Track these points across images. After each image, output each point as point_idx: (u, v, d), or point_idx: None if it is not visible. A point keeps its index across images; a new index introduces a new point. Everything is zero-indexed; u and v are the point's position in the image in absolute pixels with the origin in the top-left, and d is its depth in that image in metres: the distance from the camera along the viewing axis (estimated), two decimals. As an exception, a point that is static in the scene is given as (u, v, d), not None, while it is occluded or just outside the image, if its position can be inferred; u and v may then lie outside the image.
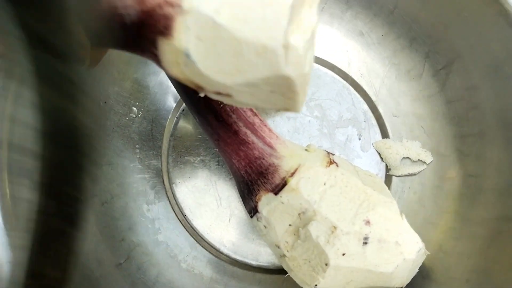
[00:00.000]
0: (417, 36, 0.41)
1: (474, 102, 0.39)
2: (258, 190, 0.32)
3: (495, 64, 0.37)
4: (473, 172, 0.39)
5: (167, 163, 0.42)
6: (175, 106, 0.43)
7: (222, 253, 0.41)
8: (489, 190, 0.37)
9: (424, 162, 0.41)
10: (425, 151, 0.41)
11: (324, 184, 0.31)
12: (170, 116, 0.43)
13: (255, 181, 0.32)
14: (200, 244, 0.41)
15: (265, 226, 0.33)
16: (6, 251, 0.27)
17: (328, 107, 0.44)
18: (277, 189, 0.31)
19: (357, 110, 0.44)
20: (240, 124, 0.32)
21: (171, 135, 0.43)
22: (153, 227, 0.40)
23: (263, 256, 0.40)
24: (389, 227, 0.31)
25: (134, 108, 0.42)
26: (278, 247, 0.32)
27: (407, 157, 0.42)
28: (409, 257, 0.31)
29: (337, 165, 0.32)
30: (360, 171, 0.35)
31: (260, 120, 0.33)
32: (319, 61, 0.45)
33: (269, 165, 0.32)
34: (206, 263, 0.40)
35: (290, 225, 0.31)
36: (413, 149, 0.42)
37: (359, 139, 0.43)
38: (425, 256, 0.34)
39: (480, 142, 0.39)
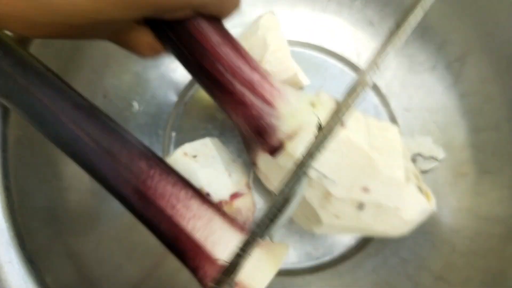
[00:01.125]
0: (430, 26, 0.40)
1: (489, 95, 0.37)
2: (256, 148, 0.31)
3: (510, 55, 0.35)
4: (488, 168, 0.37)
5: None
6: (177, 100, 0.42)
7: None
8: (505, 187, 0.36)
9: (436, 159, 0.40)
10: (437, 147, 0.40)
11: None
12: (172, 110, 0.42)
13: (253, 139, 0.30)
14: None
15: (264, 177, 0.32)
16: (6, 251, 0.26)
17: (336, 100, 0.42)
18: (274, 151, 0.29)
19: (367, 104, 0.42)
20: (236, 83, 0.29)
21: (173, 130, 0.42)
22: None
23: (269, 255, 0.39)
24: (390, 193, 0.29)
25: (134, 102, 0.41)
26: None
27: (419, 154, 0.40)
28: (409, 219, 0.30)
29: (343, 125, 0.30)
30: (373, 126, 0.32)
31: (260, 75, 0.30)
32: (327, 52, 0.43)
33: (267, 125, 0.29)
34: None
35: None
36: (425, 145, 0.40)
37: (369, 134, 0.42)
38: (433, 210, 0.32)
39: (495, 137, 0.37)
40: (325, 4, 0.43)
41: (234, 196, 0.34)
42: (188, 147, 0.34)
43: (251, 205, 0.36)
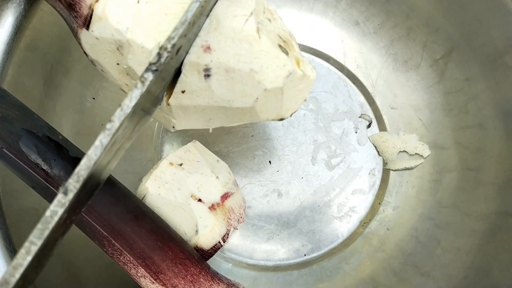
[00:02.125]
0: (415, 25, 0.40)
1: (473, 93, 0.38)
2: (76, 27, 0.26)
3: (495, 54, 0.36)
4: (472, 165, 0.38)
5: (159, 160, 0.41)
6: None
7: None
8: (489, 184, 0.36)
9: (422, 156, 0.40)
10: (423, 145, 0.40)
11: (138, 1, 0.24)
12: (161, 111, 0.42)
13: (69, 18, 0.27)
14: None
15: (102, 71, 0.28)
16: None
17: (323, 99, 0.43)
18: (87, 22, 0.25)
19: (354, 102, 0.43)
20: None
21: (164, 130, 0.42)
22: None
23: (257, 253, 0.40)
24: (239, 51, 0.24)
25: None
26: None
27: (404, 151, 0.41)
28: (273, 86, 0.25)
29: None
30: None
31: None
32: (313, 52, 0.43)
33: None
34: (200, 261, 0.40)
35: (117, 64, 0.26)
36: (410, 142, 0.40)
37: (356, 132, 0.42)
38: (312, 79, 0.27)
39: (479, 134, 0.37)
40: (311, 5, 0.43)
41: (225, 196, 0.35)
42: (173, 157, 0.34)
43: (242, 201, 0.37)
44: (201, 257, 0.33)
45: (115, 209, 0.28)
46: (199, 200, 0.33)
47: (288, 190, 0.41)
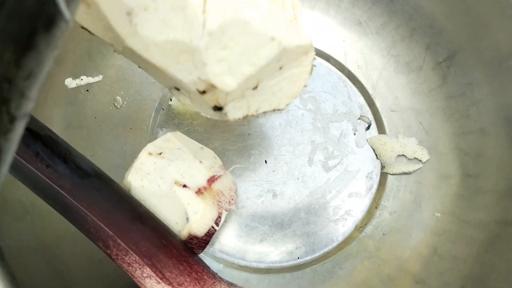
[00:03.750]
0: (418, 27, 0.39)
1: (476, 98, 0.37)
2: None
3: (499, 58, 0.35)
4: (472, 171, 0.37)
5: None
6: (162, 95, 0.42)
7: (207, 251, 0.39)
8: (488, 191, 0.35)
9: (420, 161, 0.39)
10: (422, 149, 0.39)
11: None
12: (156, 105, 0.41)
13: None
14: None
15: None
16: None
17: (322, 100, 0.42)
18: None
19: (353, 103, 0.42)
20: None
21: (157, 125, 0.41)
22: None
23: (250, 255, 0.39)
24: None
25: (118, 97, 0.40)
26: None
27: (403, 155, 0.40)
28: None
29: None
30: None
31: None
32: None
33: None
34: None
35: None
36: (409, 146, 0.39)
37: (354, 134, 0.41)
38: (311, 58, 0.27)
39: (481, 140, 0.36)
40: (313, 3, 0.42)
41: (211, 180, 0.34)
42: (151, 147, 0.34)
43: (232, 184, 0.36)
44: (198, 245, 0.32)
45: (120, 207, 0.28)
46: (184, 186, 0.32)
47: (283, 191, 0.40)
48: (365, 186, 0.40)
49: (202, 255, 0.38)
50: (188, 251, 0.30)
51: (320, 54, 0.42)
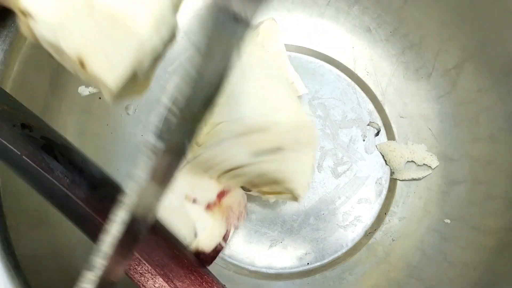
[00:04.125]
0: (427, 34, 0.39)
1: (485, 105, 0.37)
2: None
3: (509, 65, 0.35)
4: (482, 178, 0.37)
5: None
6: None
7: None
8: (498, 198, 0.35)
9: (430, 167, 0.39)
10: (431, 155, 0.39)
11: None
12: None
13: None
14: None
15: None
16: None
17: (331, 106, 0.42)
18: None
19: (362, 110, 0.42)
20: None
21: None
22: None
23: (259, 260, 0.39)
24: None
25: (130, 104, 0.41)
26: None
27: (412, 161, 0.40)
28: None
29: None
30: None
31: None
32: (323, 57, 0.43)
33: None
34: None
35: None
36: (419, 152, 0.40)
37: (364, 140, 0.41)
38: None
39: (490, 147, 0.37)
40: (322, 10, 0.42)
41: (221, 194, 0.34)
42: None
43: (241, 198, 0.36)
44: (204, 261, 0.32)
45: None
46: (194, 200, 0.32)
47: (293, 197, 0.40)
48: (375, 192, 0.40)
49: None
50: (197, 261, 0.30)
51: (329, 61, 0.43)
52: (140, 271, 0.27)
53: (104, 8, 0.19)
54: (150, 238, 0.28)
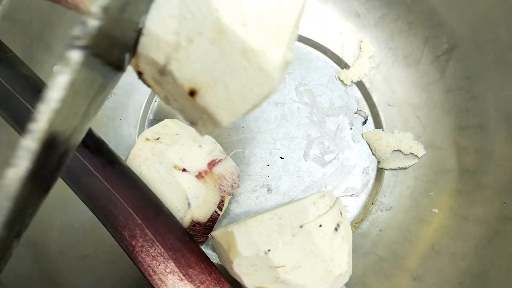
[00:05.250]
0: (417, 19, 0.38)
1: (475, 92, 0.36)
2: None
3: (499, 51, 0.34)
4: (471, 167, 0.36)
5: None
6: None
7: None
8: (487, 187, 0.35)
9: (416, 156, 0.38)
10: (418, 144, 0.39)
11: None
12: (148, 97, 0.40)
13: None
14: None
15: None
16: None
17: (319, 93, 0.41)
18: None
19: (350, 97, 0.41)
20: None
21: (148, 117, 0.40)
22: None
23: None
24: (349, 233, 0.30)
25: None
26: None
27: (398, 150, 0.39)
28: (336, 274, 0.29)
29: None
30: None
31: None
32: (310, 43, 0.41)
33: None
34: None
35: None
36: (405, 141, 0.39)
37: (351, 128, 0.40)
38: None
39: (479, 135, 0.36)
40: (310, -7, 0.41)
41: (212, 164, 0.33)
42: (148, 132, 0.33)
43: (233, 169, 0.35)
44: (202, 231, 0.31)
45: (146, 197, 0.27)
46: (184, 170, 0.31)
47: (278, 186, 0.39)
48: (361, 182, 0.40)
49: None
50: (204, 253, 0.29)
51: (317, 46, 0.41)
52: (153, 254, 0.26)
53: (236, 38, 0.16)
54: (162, 220, 0.27)
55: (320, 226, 0.27)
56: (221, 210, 0.32)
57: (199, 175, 0.31)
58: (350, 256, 0.30)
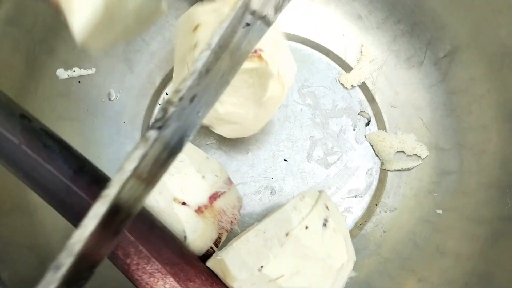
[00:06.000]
0: (419, 21, 0.39)
1: (477, 94, 0.36)
2: None
3: (502, 53, 0.34)
4: (474, 168, 0.36)
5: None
6: (157, 88, 0.40)
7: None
8: (492, 187, 0.35)
9: (420, 157, 0.39)
10: (421, 145, 0.39)
11: None
12: (150, 99, 0.40)
13: None
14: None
15: None
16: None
17: (321, 95, 0.41)
18: None
19: (353, 99, 0.41)
20: None
21: (152, 120, 0.40)
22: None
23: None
24: (341, 222, 0.30)
25: (111, 90, 0.39)
26: None
27: (402, 151, 0.39)
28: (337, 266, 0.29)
29: None
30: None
31: None
32: (313, 45, 0.42)
33: None
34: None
35: None
36: (408, 142, 0.39)
37: (354, 130, 0.40)
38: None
39: (483, 136, 0.36)
40: (313, -4, 0.41)
41: (213, 197, 0.31)
42: None
43: (235, 201, 0.34)
44: None
45: (140, 214, 0.27)
46: (183, 203, 0.30)
47: (282, 187, 0.39)
48: (365, 183, 0.40)
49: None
50: (203, 264, 0.28)
51: (319, 48, 0.42)
52: (150, 271, 0.25)
53: None
54: (157, 235, 0.26)
55: (307, 228, 0.27)
56: (217, 246, 0.31)
57: (199, 210, 0.30)
58: (348, 244, 0.30)
